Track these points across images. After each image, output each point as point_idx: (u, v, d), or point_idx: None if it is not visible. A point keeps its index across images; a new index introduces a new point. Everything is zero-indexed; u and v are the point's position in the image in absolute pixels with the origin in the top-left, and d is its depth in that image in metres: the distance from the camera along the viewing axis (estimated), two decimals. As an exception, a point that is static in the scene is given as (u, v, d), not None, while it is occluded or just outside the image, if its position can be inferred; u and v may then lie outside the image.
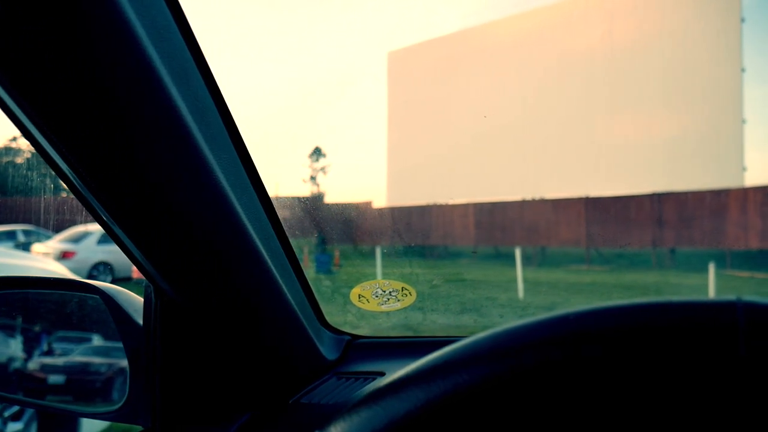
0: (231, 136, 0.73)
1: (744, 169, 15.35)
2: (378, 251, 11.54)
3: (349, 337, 1.12)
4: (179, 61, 0.60)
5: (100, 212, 0.66)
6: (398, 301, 1.02)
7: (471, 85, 20.59)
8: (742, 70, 15.45)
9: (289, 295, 0.86)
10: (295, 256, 0.95)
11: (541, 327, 0.41)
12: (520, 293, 8.95)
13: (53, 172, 0.63)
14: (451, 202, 20.29)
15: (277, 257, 0.85)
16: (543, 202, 18.43)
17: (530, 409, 0.40)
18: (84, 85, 0.51)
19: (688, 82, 16.14)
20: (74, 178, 0.61)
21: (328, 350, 1.04)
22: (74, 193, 0.66)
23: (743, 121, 15.42)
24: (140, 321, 0.85)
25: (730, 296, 0.39)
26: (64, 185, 0.65)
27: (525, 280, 9.57)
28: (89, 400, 1.22)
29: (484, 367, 0.41)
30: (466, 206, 19.75)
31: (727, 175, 15.35)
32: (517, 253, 9.12)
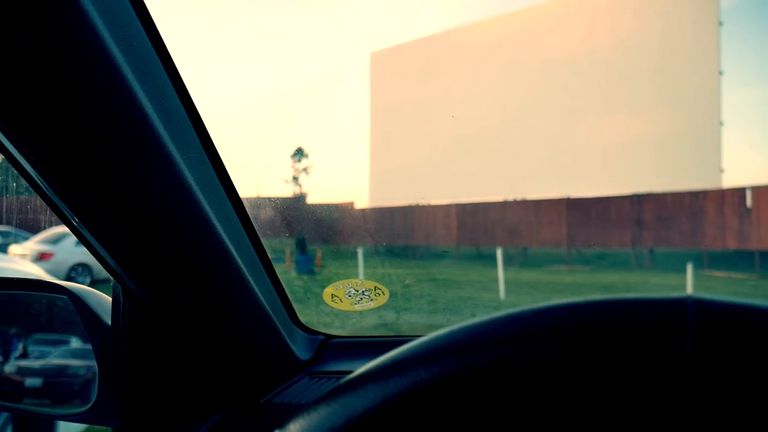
0: (199, 136, 0.72)
1: (721, 170, 15.58)
2: (360, 252, 11.53)
3: (322, 337, 1.12)
4: (144, 60, 0.60)
5: (64, 211, 0.66)
6: (371, 300, 1.03)
7: (453, 86, 20.66)
8: (720, 73, 15.68)
9: (260, 295, 0.86)
10: (267, 256, 0.95)
11: (497, 324, 0.42)
12: (502, 294, 8.99)
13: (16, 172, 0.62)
14: (433, 202, 20.35)
15: (249, 257, 0.85)
16: (524, 203, 18.55)
17: (486, 407, 0.41)
18: (43, 83, 0.51)
19: (666, 84, 16.35)
20: (37, 177, 0.61)
21: (301, 350, 1.04)
22: (38, 193, 0.65)
23: (721, 124, 15.65)
24: (109, 321, 0.84)
25: (681, 293, 0.40)
26: (28, 185, 0.64)
27: (506, 281, 9.61)
28: (58, 401, 1.21)
29: (441, 365, 0.41)
30: (448, 207, 19.79)
31: (705, 177, 15.57)
32: (499, 253, 9.17)
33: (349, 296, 1.03)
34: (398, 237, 21.30)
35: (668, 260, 15.48)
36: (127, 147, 0.58)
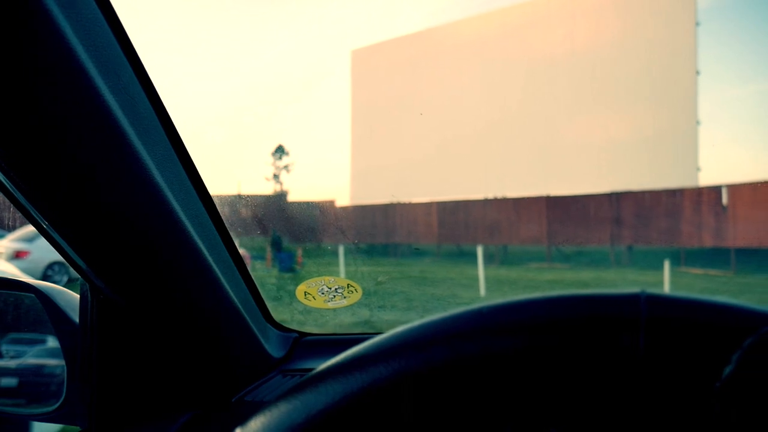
0: (168, 135, 0.72)
1: (698, 169, 15.82)
2: (341, 250, 11.51)
3: (296, 335, 1.12)
4: (109, 58, 0.59)
5: (30, 210, 0.65)
6: (344, 298, 1.03)
7: (434, 85, 20.71)
8: (697, 72, 15.91)
9: (232, 293, 0.85)
10: (239, 255, 0.94)
11: (456, 321, 0.42)
12: (482, 291, 9.05)
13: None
14: (414, 200, 20.38)
15: (220, 255, 0.84)
16: (504, 201, 18.66)
17: (445, 402, 0.41)
18: (4, 80, 0.50)
19: (644, 83, 16.55)
20: (1, 175, 0.60)
21: (274, 348, 1.03)
22: (2, 191, 0.64)
23: (698, 123, 15.89)
24: (77, 319, 0.83)
25: (635, 289, 0.41)
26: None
27: (487, 279, 9.67)
28: (33, 401, 1.19)
29: (400, 361, 0.41)
30: (429, 205, 19.85)
31: (682, 175, 15.80)
32: (479, 251, 9.22)
33: (322, 294, 1.03)
34: (379, 235, 21.32)
35: (646, 257, 15.67)
36: (91, 144, 0.58)
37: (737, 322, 0.38)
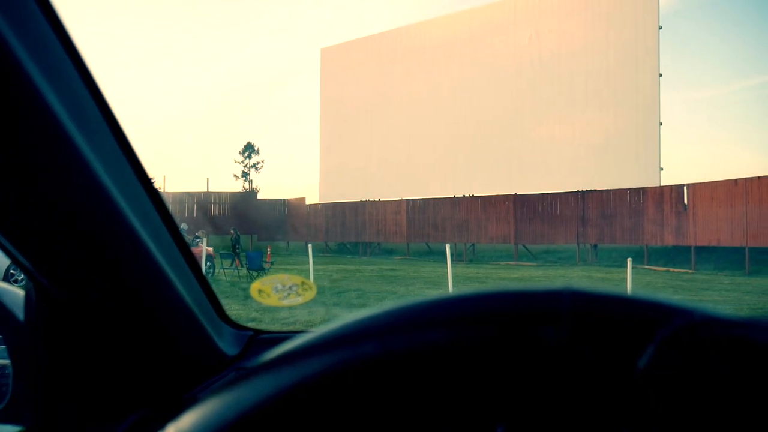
0: (114, 135, 0.71)
1: (661, 169, 16.19)
2: (310, 247, 11.46)
3: (251, 333, 1.12)
4: (50, 57, 0.59)
5: None
6: (299, 295, 1.03)
7: (403, 84, 20.77)
8: (660, 75, 16.28)
9: (182, 290, 0.85)
10: (191, 254, 0.94)
11: (388, 316, 0.43)
12: (450, 289, 9.11)
13: None
14: (383, 198, 20.43)
15: (169, 253, 0.84)
16: (473, 200, 18.82)
17: (375, 398, 0.42)
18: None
19: (609, 86, 16.86)
20: None
21: (228, 345, 1.03)
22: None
23: (660, 124, 16.25)
24: (22, 317, 0.82)
25: (562, 286, 0.42)
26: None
27: (455, 276, 9.74)
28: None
29: (330, 356, 0.42)
30: (398, 203, 19.93)
31: (645, 175, 16.15)
32: (447, 249, 9.27)
33: (277, 291, 1.03)
34: (349, 233, 21.33)
35: (610, 255, 15.99)
36: (31, 142, 0.57)
37: (654, 315, 0.39)
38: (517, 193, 17.98)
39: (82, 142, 0.63)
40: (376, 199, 21.01)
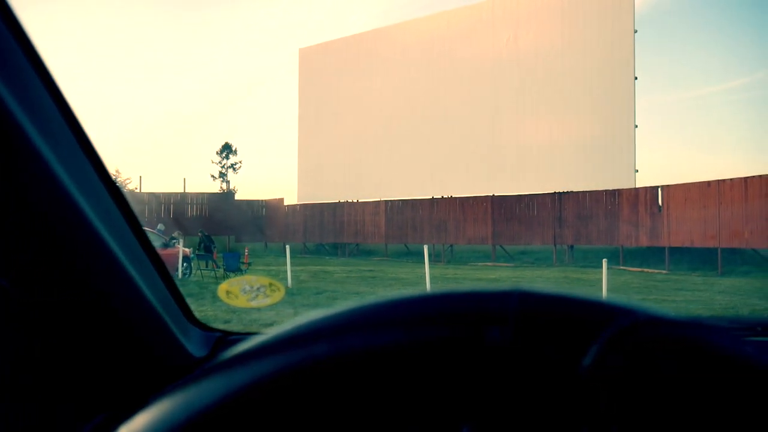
0: (75, 136, 0.70)
1: (636, 171, 16.42)
2: (288, 249, 11.39)
3: (220, 334, 1.11)
4: (6, 58, 0.58)
5: None
6: (267, 296, 1.03)
7: (381, 85, 20.78)
8: (635, 78, 16.52)
9: (147, 291, 0.84)
10: (157, 256, 0.93)
11: (340, 316, 0.43)
12: (428, 289, 9.12)
13: None
14: (361, 199, 20.41)
15: (134, 254, 0.83)
16: (451, 201, 18.89)
17: (329, 398, 0.42)
18: None
19: (585, 89, 17.05)
20: None
21: (195, 347, 1.02)
22: None
23: (635, 126, 16.49)
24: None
25: (512, 286, 0.43)
26: None
27: (433, 277, 9.76)
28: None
29: (283, 357, 0.42)
30: (377, 204, 19.93)
31: (620, 177, 16.36)
32: (425, 250, 9.29)
33: (244, 293, 1.03)
34: (328, 234, 21.27)
35: (587, 256, 16.17)
36: None
37: (599, 315, 0.40)
38: (495, 194, 18.09)
39: (40, 142, 0.62)
40: (355, 200, 20.99)
